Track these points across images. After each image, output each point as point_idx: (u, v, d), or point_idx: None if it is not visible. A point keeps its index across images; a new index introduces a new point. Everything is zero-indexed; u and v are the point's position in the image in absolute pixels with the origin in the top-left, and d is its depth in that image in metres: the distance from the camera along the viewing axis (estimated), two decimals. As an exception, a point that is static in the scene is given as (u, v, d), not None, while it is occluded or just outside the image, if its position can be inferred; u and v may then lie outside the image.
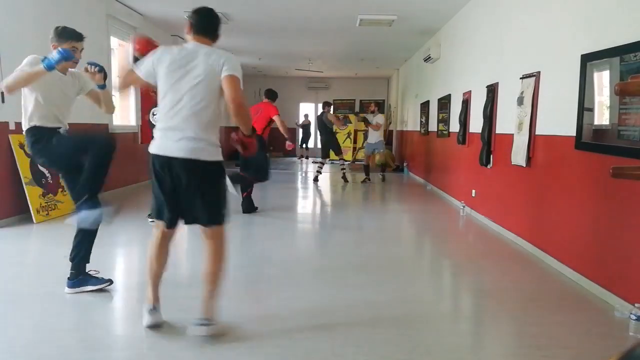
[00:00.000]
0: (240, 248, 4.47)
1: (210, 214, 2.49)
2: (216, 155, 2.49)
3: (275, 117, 6.05)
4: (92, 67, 2.96)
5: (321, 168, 9.62)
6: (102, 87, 3.13)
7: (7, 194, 4.92)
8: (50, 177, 5.35)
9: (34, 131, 2.88)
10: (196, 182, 2.42)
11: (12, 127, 4.94)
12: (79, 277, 2.99)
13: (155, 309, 2.55)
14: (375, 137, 9.49)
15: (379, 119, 9.46)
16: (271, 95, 6.37)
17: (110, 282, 3.08)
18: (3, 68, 4.73)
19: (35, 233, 4.72)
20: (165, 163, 2.39)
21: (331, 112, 10.02)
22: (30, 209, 4.99)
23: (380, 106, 9.83)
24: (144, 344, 2.45)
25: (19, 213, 5.04)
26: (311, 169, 12.84)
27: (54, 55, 2.69)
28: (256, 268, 3.89)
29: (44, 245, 4.45)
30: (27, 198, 4.99)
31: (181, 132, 2.37)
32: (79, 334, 2.51)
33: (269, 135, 6.20)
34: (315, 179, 9.50)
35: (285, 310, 2.91)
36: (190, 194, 2.43)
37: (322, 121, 9.82)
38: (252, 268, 3.86)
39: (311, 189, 9.12)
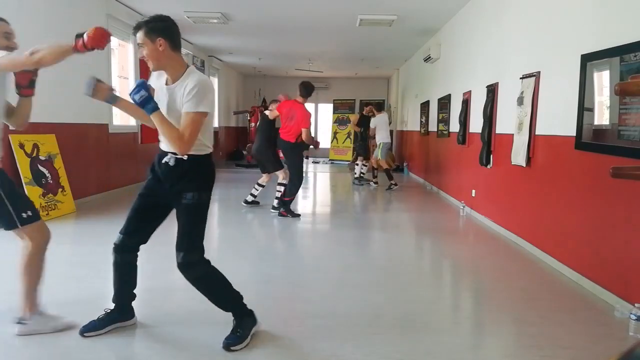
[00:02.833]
0: (241, 247, 4.48)
1: None
2: None
3: (304, 131, 5.66)
4: None
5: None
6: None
7: (7, 194, 4.91)
8: (50, 177, 5.36)
9: None
10: None
11: (12, 127, 4.94)
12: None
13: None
14: (383, 136, 8.74)
15: (376, 120, 8.83)
16: (306, 91, 5.82)
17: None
18: (3, 68, 4.73)
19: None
20: None
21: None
22: (30, 209, 4.98)
23: (380, 106, 9.56)
24: (144, 344, 2.45)
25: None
26: (311, 168, 12.84)
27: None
28: (253, 268, 3.89)
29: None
30: (27, 198, 4.98)
31: None
32: (78, 333, 2.51)
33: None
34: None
35: (284, 311, 2.91)
36: None
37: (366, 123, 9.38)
38: (250, 268, 3.86)
39: (311, 188, 9.11)
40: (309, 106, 6.10)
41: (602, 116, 3.34)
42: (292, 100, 5.96)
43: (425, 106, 9.36)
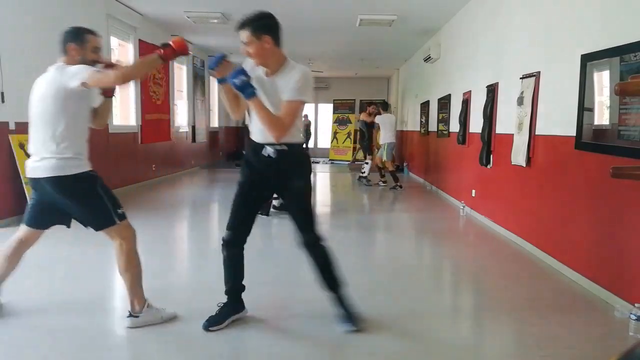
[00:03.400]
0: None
1: None
2: None
3: None
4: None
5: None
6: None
7: (7, 194, 4.92)
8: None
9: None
10: None
11: (11, 127, 4.95)
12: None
13: None
14: (388, 136, 8.68)
15: (380, 119, 8.81)
16: None
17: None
18: (3, 67, 4.74)
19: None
20: None
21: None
22: (30, 209, 4.98)
23: (385, 105, 9.45)
24: (144, 343, 2.45)
25: (19, 213, 5.01)
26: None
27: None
28: (253, 268, 3.89)
29: (43, 245, 4.43)
30: (27, 198, 4.99)
31: None
32: (79, 333, 2.51)
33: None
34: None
35: (284, 311, 2.91)
36: None
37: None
38: (249, 268, 3.86)
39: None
40: (309, 106, 6.12)
41: (602, 116, 3.34)
42: None
43: (425, 106, 9.36)
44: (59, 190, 2.45)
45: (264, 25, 2.36)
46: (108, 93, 2.68)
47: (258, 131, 2.46)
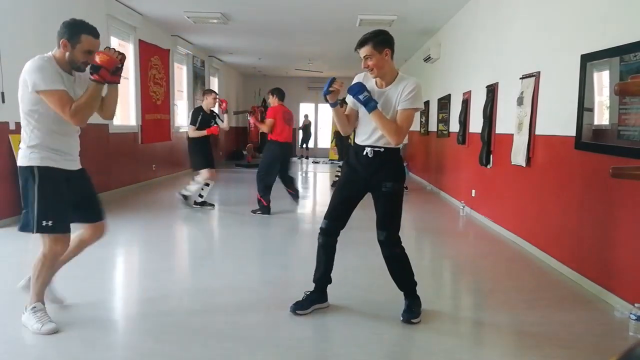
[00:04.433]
0: (240, 247, 4.48)
1: None
2: None
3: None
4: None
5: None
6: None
7: (7, 194, 4.92)
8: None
9: None
10: None
11: (12, 127, 4.95)
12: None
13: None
14: None
15: None
16: (282, 95, 6.12)
17: None
18: (3, 67, 4.74)
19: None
20: None
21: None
22: (31, 209, 4.98)
23: None
24: (144, 344, 2.45)
25: (19, 213, 5.01)
26: (311, 168, 12.84)
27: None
28: (252, 267, 3.89)
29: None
30: (27, 198, 4.99)
31: None
32: (79, 333, 2.51)
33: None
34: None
35: (283, 311, 2.91)
36: None
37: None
38: (249, 268, 3.86)
39: (311, 189, 9.11)
40: (309, 107, 6.21)
41: (602, 116, 3.34)
42: (280, 104, 6.05)
43: (425, 106, 9.37)
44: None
45: (384, 40, 2.64)
46: (110, 79, 2.48)
47: (362, 135, 2.73)
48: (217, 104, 6.32)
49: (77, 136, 2.58)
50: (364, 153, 2.69)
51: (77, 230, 2.68)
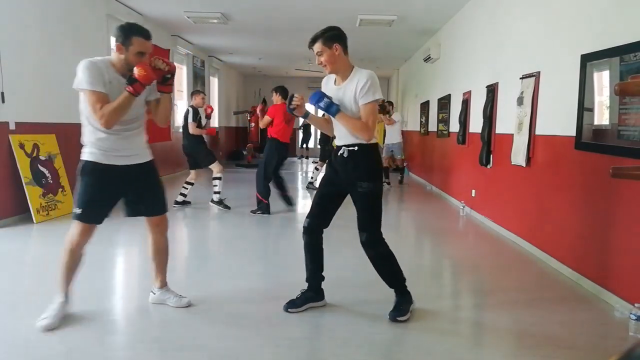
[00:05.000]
0: (240, 247, 4.48)
1: None
2: None
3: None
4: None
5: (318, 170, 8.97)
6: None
7: (7, 194, 4.92)
8: (50, 177, 5.35)
9: None
10: None
11: (12, 127, 4.95)
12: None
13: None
14: (394, 137, 8.86)
15: (396, 116, 8.96)
16: (285, 93, 6.12)
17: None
18: (3, 67, 4.74)
19: (36, 233, 4.72)
20: None
21: None
22: (31, 209, 4.99)
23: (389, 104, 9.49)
24: (144, 344, 2.45)
25: (19, 213, 5.04)
26: (311, 168, 12.84)
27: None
28: (251, 268, 3.89)
29: (44, 245, 4.45)
30: (27, 198, 4.99)
31: None
32: (79, 333, 2.51)
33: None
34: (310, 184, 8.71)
35: (282, 311, 2.91)
36: None
37: None
38: (248, 268, 3.86)
39: (310, 189, 9.10)
40: (309, 106, 6.27)
41: (602, 116, 3.34)
42: (282, 103, 6.03)
43: (425, 106, 9.36)
44: None
45: (333, 36, 2.69)
46: (160, 88, 2.61)
47: (338, 136, 2.77)
48: (204, 106, 6.43)
49: (134, 132, 2.64)
50: (340, 153, 2.72)
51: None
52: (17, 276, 3.46)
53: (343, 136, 2.73)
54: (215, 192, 6.21)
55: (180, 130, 6.21)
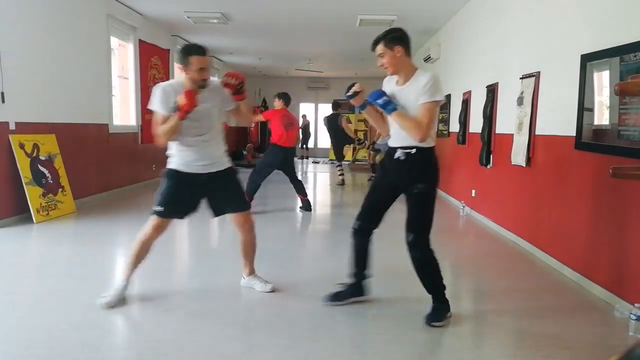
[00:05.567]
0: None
1: None
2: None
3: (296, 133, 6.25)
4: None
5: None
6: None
7: (7, 194, 4.92)
8: (50, 177, 5.35)
9: None
10: None
11: (12, 127, 4.95)
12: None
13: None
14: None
15: None
16: (288, 100, 6.21)
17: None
18: (3, 67, 4.74)
19: (36, 233, 4.72)
20: None
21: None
22: (31, 209, 4.99)
23: None
24: (144, 344, 2.45)
25: (19, 213, 5.04)
26: (311, 169, 12.84)
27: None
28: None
29: (44, 245, 4.45)
30: (27, 198, 4.99)
31: None
32: (79, 334, 2.51)
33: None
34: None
35: (283, 311, 2.91)
36: None
37: (335, 124, 9.29)
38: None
39: (311, 188, 9.10)
40: (309, 107, 6.28)
41: (602, 116, 3.34)
42: (283, 108, 6.09)
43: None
44: None
45: (395, 38, 2.71)
46: (235, 98, 2.89)
47: (394, 137, 2.77)
48: None
49: (210, 144, 2.92)
50: (396, 157, 2.71)
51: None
52: (17, 276, 3.46)
53: (400, 137, 2.71)
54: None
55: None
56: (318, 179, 10.80)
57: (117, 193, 7.03)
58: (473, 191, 6.10)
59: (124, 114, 7.74)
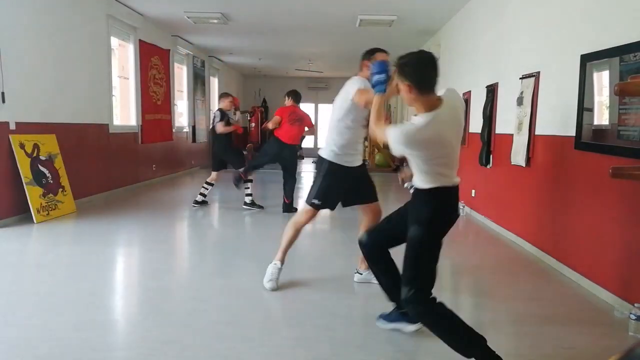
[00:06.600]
0: (240, 247, 4.48)
1: None
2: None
3: (311, 130, 6.28)
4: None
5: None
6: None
7: (7, 194, 4.92)
8: (50, 177, 5.35)
9: None
10: None
11: (12, 127, 4.95)
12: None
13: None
14: None
15: None
16: (298, 97, 6.23)
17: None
18: (3, 67, 4.74)
19: (36, 233, 4.72)
20: None
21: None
22: (31, 209, 4.99)
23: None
24: (144, 344, 2.45)
25: (19, 213, 5.04)
26: (311, 169, 12.82)
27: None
28: (251, 267, 3.89)
29: (44, 245, 4.45)
30: (28, 198, 4.99)
31: None
32: (79, 334, 2.51)
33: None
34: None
35: (284, 311, 2.92)
36: None
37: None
38: (248, 267, 3.86)
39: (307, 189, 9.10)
40: (309, 107, 6.33)
41: (601, 116, 3.34)
42: (292, 105, 6.11)
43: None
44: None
45: (401, 71, 2.32)
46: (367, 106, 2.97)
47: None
48: (231, 108, 6.61)
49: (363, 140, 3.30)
50: (405, 186, 2.56)
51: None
52: (17, 276, 3.47)
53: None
54: (247, 195, 6.23)
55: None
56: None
57: (117, 193, 7.03)
58: (473, 191, 6.10)
59: (124, 114, 7.74)
